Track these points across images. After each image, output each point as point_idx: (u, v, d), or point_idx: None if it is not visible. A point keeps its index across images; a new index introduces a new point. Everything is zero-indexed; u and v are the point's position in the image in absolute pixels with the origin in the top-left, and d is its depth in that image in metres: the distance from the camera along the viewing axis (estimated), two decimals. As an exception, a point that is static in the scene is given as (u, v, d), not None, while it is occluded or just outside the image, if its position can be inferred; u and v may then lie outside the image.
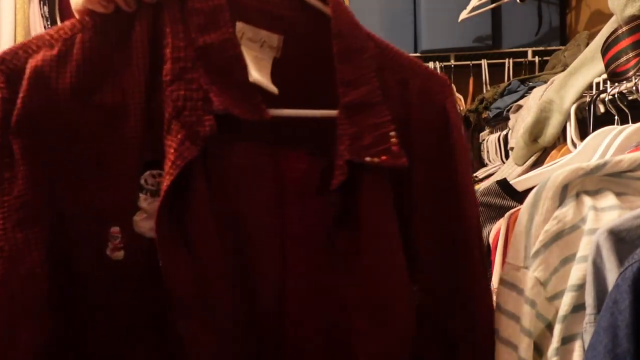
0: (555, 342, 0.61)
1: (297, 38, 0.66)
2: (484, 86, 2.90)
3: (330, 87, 0.63)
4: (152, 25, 0.60)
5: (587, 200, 0.65)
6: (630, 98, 0.93)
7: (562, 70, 1.31)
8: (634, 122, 0.92)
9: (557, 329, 0.61)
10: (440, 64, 2.94)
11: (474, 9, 2.62)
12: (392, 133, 0.62)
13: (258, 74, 0.63)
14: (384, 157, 0.62)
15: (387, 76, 0.65)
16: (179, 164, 0.57)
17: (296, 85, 0.66)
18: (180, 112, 0.58)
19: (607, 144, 0.83)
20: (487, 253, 0.95)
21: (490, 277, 0.90)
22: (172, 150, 0.57)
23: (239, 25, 0.63)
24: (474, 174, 2.04)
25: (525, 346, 0.65)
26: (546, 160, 1.17)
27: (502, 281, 0.71)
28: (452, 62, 2.97)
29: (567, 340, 0.61)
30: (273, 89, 0.64)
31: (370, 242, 0.63)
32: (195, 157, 0.58)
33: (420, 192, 0.67)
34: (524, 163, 1.28)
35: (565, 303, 0.61)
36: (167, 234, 0.58)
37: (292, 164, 0.65)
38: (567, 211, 0.65)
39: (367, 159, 0.61)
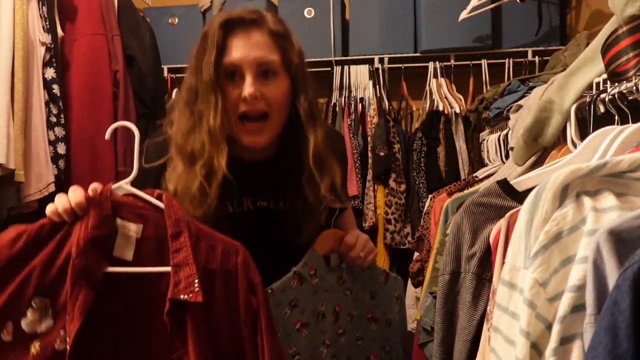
0: (553, 342, 0.61)
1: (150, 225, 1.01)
2: (484, 86, 2.90)
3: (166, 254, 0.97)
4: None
5: (587, 201, 0.65)
6: (630, 98, 0.92)
7: (562, 70, 1.31)
8: (634, 122, 0.91)
9: (556, 330, 0.61)
10: (440, 64, 2.94)
11: (474, 9, 2.62)
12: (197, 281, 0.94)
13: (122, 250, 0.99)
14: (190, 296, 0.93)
15: (201, 244, 0.99)
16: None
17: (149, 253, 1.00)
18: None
19: (607, 144, 0.82)
20: (487, 253, 0.95)
21: (491, 277, 0.89)
22: None
23: (118, 220, 0.97)
24: (474, 174, 2.04)
25: (521, 346, 0.65)
26: (546, 160, 1.16)
27: (502, 281, 0.71)
28: (452, 62, 2.97)
29: (565, 340, 0.61)
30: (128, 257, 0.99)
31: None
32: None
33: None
34: (524, 163, 1.27)
35: (565, 304, 0.61)
36: None
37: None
38: (566, 212, 0.65)
39: (182, 296, 0.93)
